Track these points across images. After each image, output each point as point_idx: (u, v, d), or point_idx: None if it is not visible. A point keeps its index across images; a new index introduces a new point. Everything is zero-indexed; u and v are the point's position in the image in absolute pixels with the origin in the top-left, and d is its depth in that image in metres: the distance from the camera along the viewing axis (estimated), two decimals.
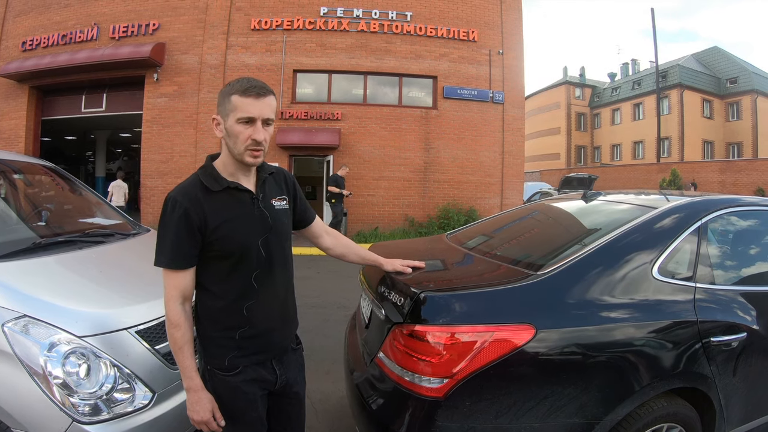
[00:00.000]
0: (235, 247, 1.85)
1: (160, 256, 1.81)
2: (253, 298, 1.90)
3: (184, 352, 1.81)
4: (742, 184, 25.45)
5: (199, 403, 1.83)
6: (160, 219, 1.82)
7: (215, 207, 1.83)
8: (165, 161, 15.59)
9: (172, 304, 1.81)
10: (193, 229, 1.78)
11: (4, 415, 2.11)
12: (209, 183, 1.85)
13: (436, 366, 2.03)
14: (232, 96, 1.80)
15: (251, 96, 1.79)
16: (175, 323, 1.81)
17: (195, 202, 1.80)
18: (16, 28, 16.80)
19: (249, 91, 1.79)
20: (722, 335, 2.41)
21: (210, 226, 1.81)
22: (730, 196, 3.00)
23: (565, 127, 51.60)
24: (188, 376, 1.83)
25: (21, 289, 2.36)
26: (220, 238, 1.82)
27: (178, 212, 1.77)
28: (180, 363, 1.83)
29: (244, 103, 1.79)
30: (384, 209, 15.84)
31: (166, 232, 1.79)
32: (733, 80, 42.28)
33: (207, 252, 1.84)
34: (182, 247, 1.79)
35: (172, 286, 1.82)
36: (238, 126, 1.80)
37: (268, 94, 1.84)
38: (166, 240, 1.79)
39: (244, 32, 15.72)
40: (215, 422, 1.86)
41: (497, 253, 2.93)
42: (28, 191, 4.01)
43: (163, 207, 1.82)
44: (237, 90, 1.80)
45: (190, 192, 1.82)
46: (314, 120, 15.58)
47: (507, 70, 16.58)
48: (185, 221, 1.77)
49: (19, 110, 16.44)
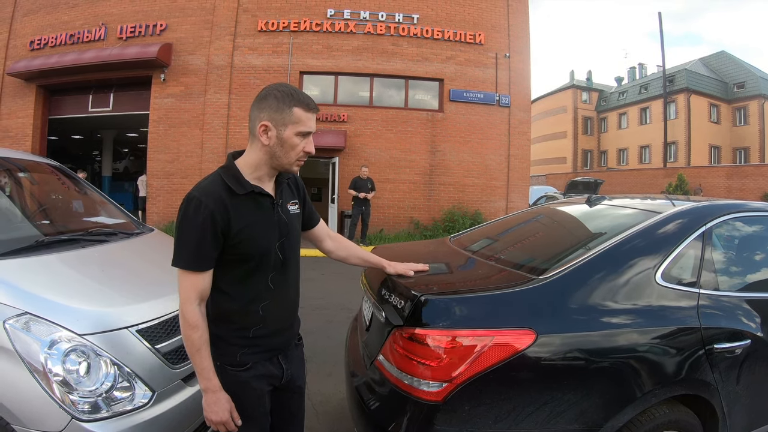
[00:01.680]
0: (255, 251, 1.87)
1: (181, 257, 1.79)
2: (269, 299, 1.93)
3: (202, 354, 1.81)
4: (748, 190, 25.29)
5: (217, 403, 1.84)
6: (181, 219, 1.79)
7: (239, 210, 1.83)
8: (171, 161, 15.61)
9: (190, 305, 1.80)
10: (217, 232, 1.78)
11: (4, 412, 2.11)
12: (234, 185, 1.84)
13: (435, 369, 2.03)
14: (294, 108, 1.83)
15: (313, 111, 1.88)
16: (193, 324, 1.79)
17: (220, 204, 1.79)
18: (24, 28, 16.87)
19: (311, 107, 1.87)
20: (726, 342, 2.38)
21: (233, 230, 1.81)
22: (736, 201, 2.98)
23: (572, 131, 51.48)
24: (206, 377, 1.82)
25: (23, 287, 2.36)
26: (241, 241, 1.83)
27: (203, 214, 1.75)
28: (197, 364, 1.82)
29: (308, 117, 1.86)
30: (389, 211, 15.83)
31: (189, 232, 1.78)
32: (740, 85, 42.13)
33: (226, 254, 1.84)
34: (205, 249, 1.78)
35: (191, 287, 1.80)
36: (296, 138, 1.85)
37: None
38: (189, 241, 1.78)
39: (251, 33, 15.75)
40: (233, 422, 1.87)
41: (500, 256, 2.92)
42: (33, 189, 4.02)
43: (185, 207, 1.79)
44: (300, 103, 1.84)
45: (215, 193, 1.81)
46: (320, 121, 15.54)
47: (513, 73, 16.54)
48: (210, 223, 1.76)
49: (26, 109, 16.51)
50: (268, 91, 1.87)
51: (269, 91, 1.86)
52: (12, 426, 2.12)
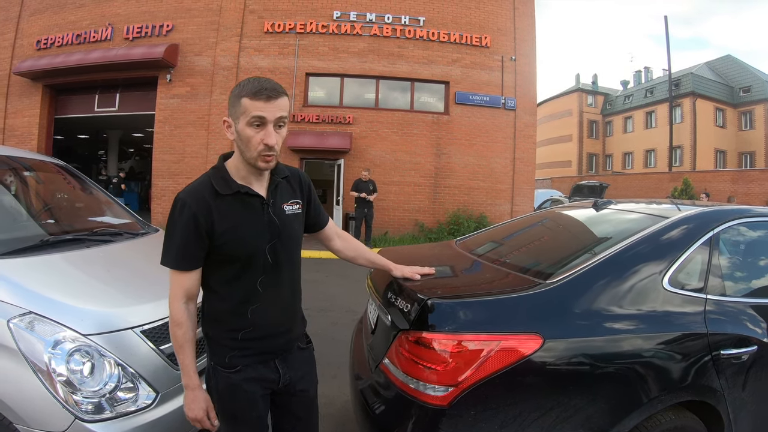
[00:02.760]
0: (241, 252, 1.84)
1: (167, 255, 1.81)
2: (258, 301, 1.90)
3: (185, 351, 1.84)
4: (754, 194, 25.20)
5: (195, 401, 1.86)
6: (168, 218, 1.81)
7: (223, 211, 1.81)
8: (176, 162, 15.67)
9: (176, 303, 1.83)
10: (200, 233, 1.77)
11: (7, 411, 2.11)
12: (219, 186, 1.83)
13: (441, 374, 2.01)
14: (242, 99, 1.73)
15: (261, 99, 1.72)
16: (178, 321, 1.82)
17: (203, 205, 1.78)
18: (31, 27, 16.95)
19: (260, 94, 1.71)
20: (732, 348, 2.36)
21: (217, 231, 1.79)
22: (742, 206, 2.97)
23: (577, 135, 51.45)
24: (186, 374, 1.86)
25: (27, 286, 2.36)
26: (226, 242, 1.81)
27: (186, 214, 1.76)
28: (180, 361, 1.86)
29: (254, 106, 1.72)
30: (394, 214, 15.83)
31: (174, 232, 1.79)
32: (746, 89, 42.06)
33: (213, 255, 1.84)
34: (188, 249, 1.79)
35: (178, 285, 1.83)
36: (249, 129, 1.74)
37: (280, 96, 1.76)
38: (173, 241, 1.79)
39: (257, 35, 15.79)
40: (209, 421, 1.89)
41: (506, 260, 2.90)
42: (38, 189, 4.02)
43: (172, 207, 1.81)
44: (247, 92, 1.72)
45: (199, 194, 1.80)
46: (326, 123, 15.60)
47: (519, 76, 16.54)
48: (193, 224, 1.76)
49: (32, 108, 16.60)
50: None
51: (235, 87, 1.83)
52: (15, 425, 2.11)
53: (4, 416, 2.12)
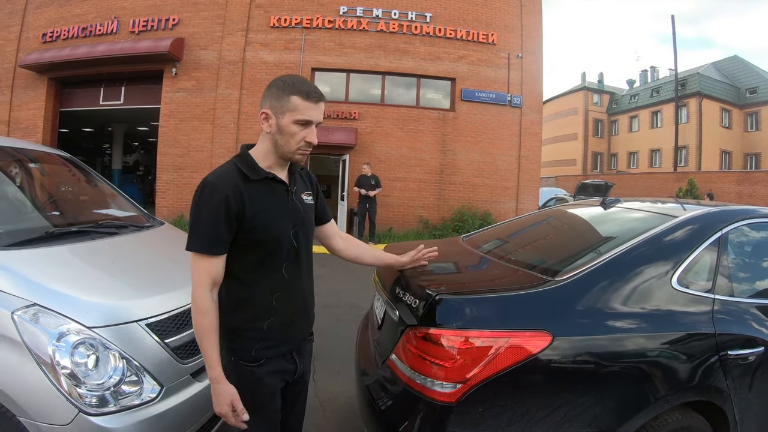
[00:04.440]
0: (268, 236, 1.88)
1: (196, 240, 1.80)
2: (283, 289, 1.94)
3: (210, 340, 1.80)
4: (759, 196, 25.12)
5: (219, 395, 1.83)
6: (195, 204, 1.81)
7: (253, 195, 1.85)
8: (181, 155, 15.65)
9: (201, 290, 1.80)
10: (231, 216, 1.79)
11: (10, 403, 2.10)
12: (248, 171, 1.87)
13: (449, 370, 2.00)
14: (292, 96, 1.84)
15: (312, 100, 1.86)
16: (204, 310, 1.79)
17: (234, 188, 1.81)
18: (37, 20, 16.94)
19: (311, 96, 1.85)
20: (740, 349, 2.35)
21: (248, 215, 1.82)
22: (749, 207, 2.95)
23: (582, 133, 51.37)
24: (210, 366, 1.82)
25: (32, 278, 2.35)
26: (256, 226, 1.84)
27: (217, 198, 1.77)
28: (204, 351, 1.81)
29: (305, 106, 1.85)
30: (398, 210, 15.80)
31: (203, 216, 1.79)
32: (752, 90, 41.90)
33: (240, 240, 1.85)
34: (219, 233, 1.79)
35: (204, 271, 1.80)
36: (294, 126, 1.86)
37: (324, 99, 1.92)
38: (202, 224, 1.79)
39: (264, 29, 15.75)
40: (233, 415, 1.83)
41: (513, 257, 2.89)
42: (43, 180, 4.01)
43: (200, 191, 1.81)
44: (299, 92, 1.84)
45: (229, 178, 1.83)
46: (331, 119, 15.56)
47: (526, 73, 16.48)
48: (224, 207, 1.77)
49: (37, 101, 16.58)
50: (274, 80, 1.92)
51: (275, 80, 1.91)
52: (18, 418, 2.10)
53: (8, 408, 2.11)
